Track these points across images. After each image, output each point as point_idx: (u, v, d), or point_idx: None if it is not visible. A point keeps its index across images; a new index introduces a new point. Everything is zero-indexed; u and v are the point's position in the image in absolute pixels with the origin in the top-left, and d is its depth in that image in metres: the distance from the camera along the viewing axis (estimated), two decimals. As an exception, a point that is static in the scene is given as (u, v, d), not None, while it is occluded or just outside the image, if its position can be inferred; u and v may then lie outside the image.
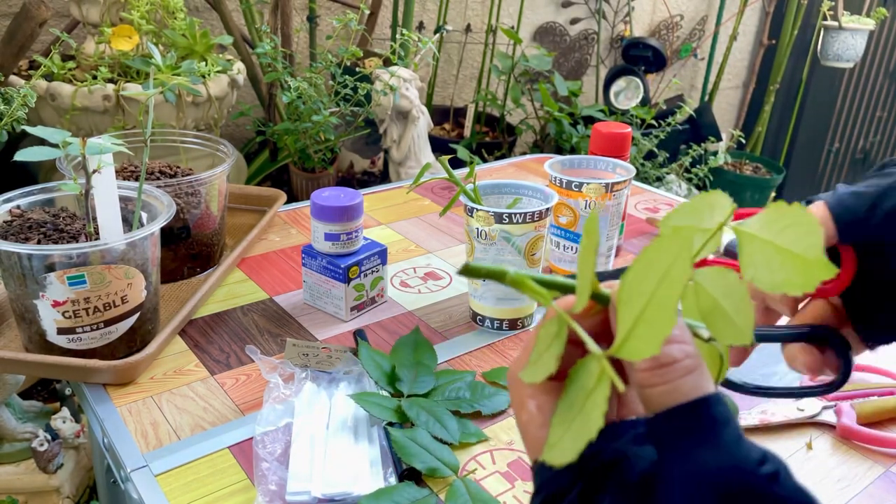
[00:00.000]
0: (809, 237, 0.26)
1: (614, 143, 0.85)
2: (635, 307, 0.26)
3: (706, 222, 0.29)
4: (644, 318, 0.25)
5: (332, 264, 0.71)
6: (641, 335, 0.25)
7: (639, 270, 0.26)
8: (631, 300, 0.26)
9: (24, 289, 0.59)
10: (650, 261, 0.26)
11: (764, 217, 0.27)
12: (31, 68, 1.19)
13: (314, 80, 1.24)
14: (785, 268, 0.26)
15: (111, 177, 0.62)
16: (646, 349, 0.25)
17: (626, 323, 0.26)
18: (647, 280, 0.26)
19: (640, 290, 0.26)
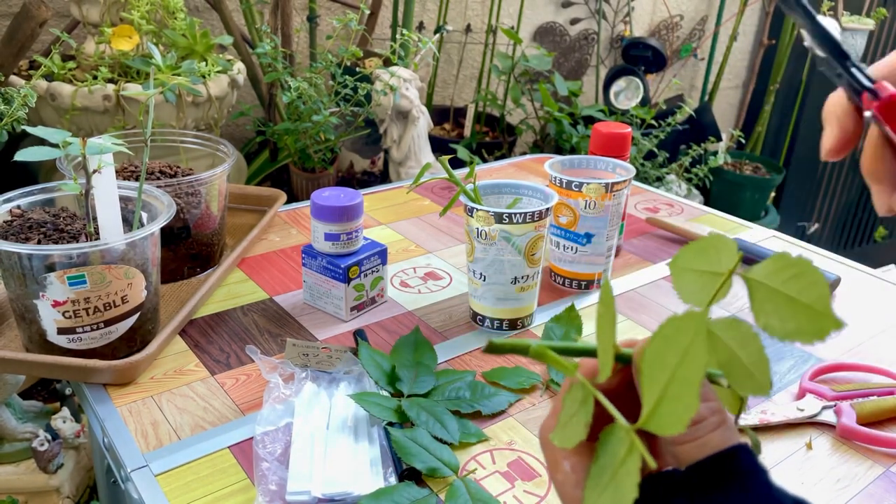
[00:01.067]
0: (816, 288, 0.26)
1: (614, 143, 0.85)
2: (659, 383, 0.26)
3: (714, 265, 0.30)
4: (668, 396, 0.26)
5: (332, 264, 0.71)
6: (667, 413, 0.26)
7: (659, 346, 0.27)
8: (653, 375, 0.27)
9: (24, 289, 0.60)
10: (668, 337, 0.26)
11: (770, 265, 0.28)
12: (31, 68, 1.19)
13: (314, 80, 1.24)
14: (796, 317, 0.27)
15: (111, 177, 0.62)
16: (672, 426, 0.26)
17: (651, 398, 0.27)
18: (667, 357, 0.26)
19: (662, 364, 0.26)
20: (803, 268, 0.27)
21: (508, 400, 0.61)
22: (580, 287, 0.81)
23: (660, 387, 0.26)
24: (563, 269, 0.81)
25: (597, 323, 0.30)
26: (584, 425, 0.29)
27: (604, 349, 0.29)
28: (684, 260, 0.31)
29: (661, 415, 0.26)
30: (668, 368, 0.26)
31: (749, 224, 1.02)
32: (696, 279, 0.30)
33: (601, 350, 0.29)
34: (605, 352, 0.29)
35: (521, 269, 0.69)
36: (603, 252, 0.79)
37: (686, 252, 0.31)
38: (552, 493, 0.53)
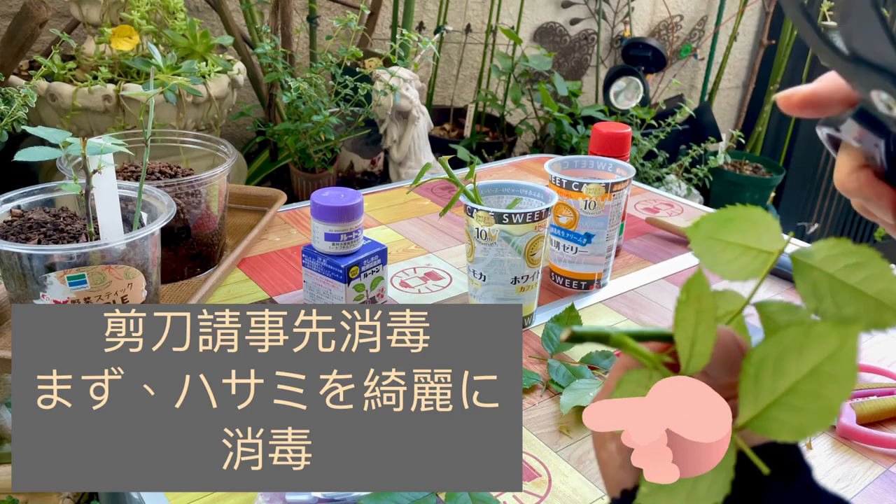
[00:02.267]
0: (884, 281, 0.25)
1: (614, 143, 0.85)
2: (772, 389, 0.25)
3: (751, 240, 0.29)
4: (786, 405, 0.25)
5: (332, 264, 0.71)
6: (782, 419, 0.25)
7: (775, 350, 0.25)
8: (765, 378, 0.25)
9: (24, 289, 0.60)
10: (788, 345, 0.25)
11: (825, 250, 0.27)
12: (31, 68, 1.19)
13: (314, 80, 1.24)
14: (855, 304, 0.26)
15: (111, 177, 0.62)
16: (788, 433, 0.24)
17: (761, 401, 0.25)
18: (788, 364, 0.25)
19: (780, 370, 0.25)
20: (868, 257, 0.26)
21: (508, 400, 0.61)
22: (580, 287, 0.81)
23: (774, 393, 0.25)
24: (563, 269, 0.81)
25: (683, 311, 0.28)
26: None
27: (700, 338, 0.27)
28: (709, 228, 0.30)
29: (772, 419, 0.25)
30: (787, 377, 0.24)
31: (749, 224, 1.02)
32: (730, 253, 0.29)
33: (693, 339, 0.28)
34: (701, 341, 0.27)
35: (521, 269, 0.69)
36: (603, 252, 0.79)
37: (711, 220, 0.30)
38: (552, 493, 0.53)
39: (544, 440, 0.58)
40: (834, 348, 0.23)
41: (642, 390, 0.29)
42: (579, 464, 0.56)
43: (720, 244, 0.29)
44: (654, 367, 0.29)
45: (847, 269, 0.26)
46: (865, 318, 0.26)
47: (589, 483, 0.54)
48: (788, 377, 0.24)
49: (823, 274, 0.27)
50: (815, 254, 0.27)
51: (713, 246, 0.29)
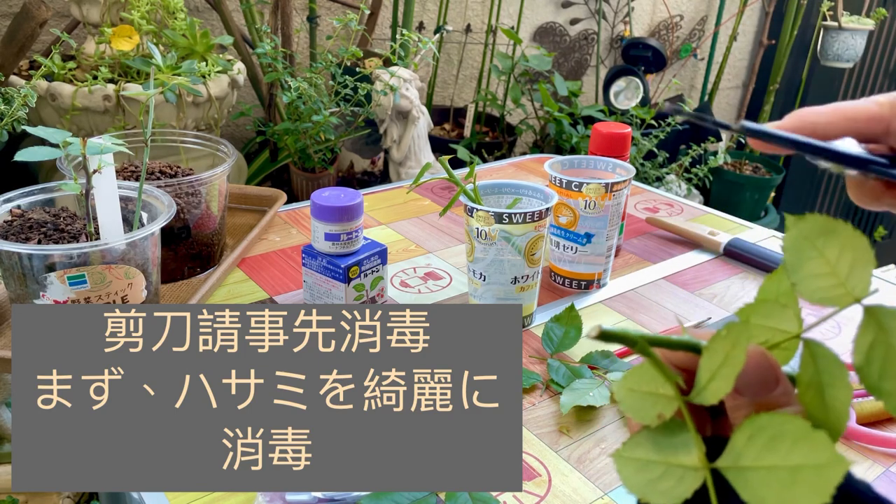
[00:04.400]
0: None
1: (614, 143, 0.85)
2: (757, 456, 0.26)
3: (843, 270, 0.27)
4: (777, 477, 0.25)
5: (332, 264, 0.71)
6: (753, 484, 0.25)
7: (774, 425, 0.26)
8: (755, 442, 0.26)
9: (24, 289, 0.60)
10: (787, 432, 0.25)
11: None
12: (31, 68, 1.19)
13: (314, 80, 1.24)
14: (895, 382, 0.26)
15: (111, 177, 0.62)
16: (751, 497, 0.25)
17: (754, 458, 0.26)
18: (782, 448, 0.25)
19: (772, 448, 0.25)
20: None
21: (508, 400, 0.61)
22: (580, 287, 0.81)
23: (757, 461, 0.25)
24: (563, 269, 0.81)
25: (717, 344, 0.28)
26: (656, 416, 0.29)
27: (720, 379, 0.27)
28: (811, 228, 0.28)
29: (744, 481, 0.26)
30: (774, 456, 0.25)
31: (749, 224, 1.02)
32: (816, 266, 0.28)
33: (713, 377, 0.28)
34: (719, 381, 0.27)
35: (521, 269, 0.69)
36: (603, 252, 0.79)
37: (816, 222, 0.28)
38: (552, 493, 0.53)
39: (544, 440, 0.58)
40: (821, 463, 0.24)
41: (654, 385, 0.29)
42: (579, 464, 0.56)
43: (813, 251, 0.28)
44: (668, 383, 0.29)
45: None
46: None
47: (589, 483, 0.54)
48: (775, 457, 0.25)
49: (889, 342, 0.26)
50: (891, 317, 0.26)
51: (805, 250, 0.28)
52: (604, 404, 0.60)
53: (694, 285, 0.84)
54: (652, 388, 0.29)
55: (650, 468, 0.28)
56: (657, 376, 0.29)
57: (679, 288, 0.83)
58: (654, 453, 0.28)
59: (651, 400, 0.29)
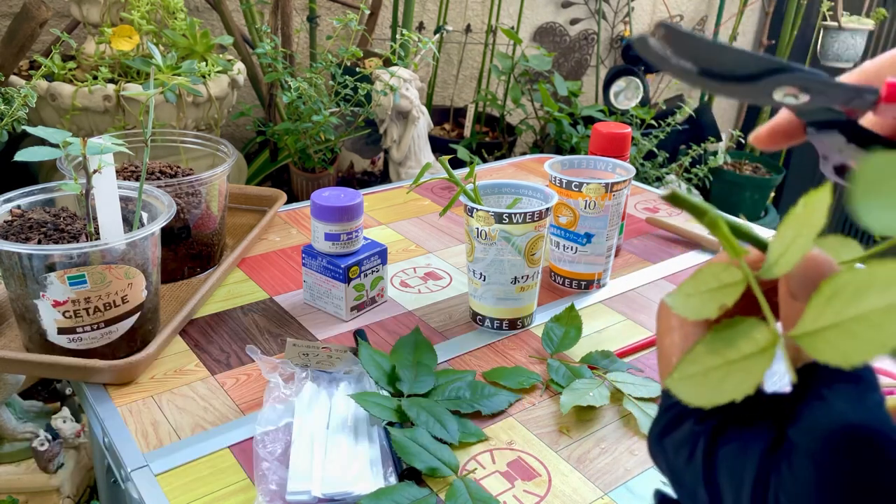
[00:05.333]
0: None
1: (614, 143, 0.85)
2: (839, 312, 0.24)
3: None
4: (846, 329, 0.24)
5: (333, 264, 0.71)
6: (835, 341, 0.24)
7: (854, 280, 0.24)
8: (836, 302, 0.24)
9: (24, 289, 0.60)
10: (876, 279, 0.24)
11: None
12: (31, 68, 1.19)
13: (314, 80, 1.24)
14: None
15: (111, 177, 0.62)
16: (833, 355, 0.24)
17: (821, 320, 0.25)
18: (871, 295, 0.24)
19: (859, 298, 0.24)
20: None
21: (508, 400, 0.61)
22: (580, 287, 0.81)
23: (839, 316, 0.24)
24: (563, 269, 0.81)
25: (790, 219, 0.27)
26: (718, 306, 0.28)
27: (795, 246, 0.26)
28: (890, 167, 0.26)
29: (824, 340, 0.24)
30: (861, 305, 0.23)
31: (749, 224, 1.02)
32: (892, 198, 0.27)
33: (790, 245, 0.27)
34: (793, 250, 0.26)
35: (521, 269, 0.69)
36: (603, 252, 0.79)
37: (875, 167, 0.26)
38: (552, 493, 0.53)
39: (544, 440, 0.58)
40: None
41: (715, 281, 0.29)
42: (579, 464, 0.56)
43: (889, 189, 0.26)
44: (734, 258, 0.28)
45: None
46: None
47: (589, 483, 0.54)
48: (862, 306, 0.23)
49: None
50: None
51: (884, 185, 0.26)
52: (604, 404, 0.60)
53: (694, 285, 0.84)
54: (713, 284, 0.29)
55: (710, 375, 0.27)
56: (719, 271, 0.29)
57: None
58: (713, 359, 0.27)
59: (710, 295, 0.29)
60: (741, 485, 0.26)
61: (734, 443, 0.27)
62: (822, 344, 0.24)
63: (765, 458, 0.25)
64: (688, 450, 0.28)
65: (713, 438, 0.27)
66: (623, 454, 0.57)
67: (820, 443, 0.24)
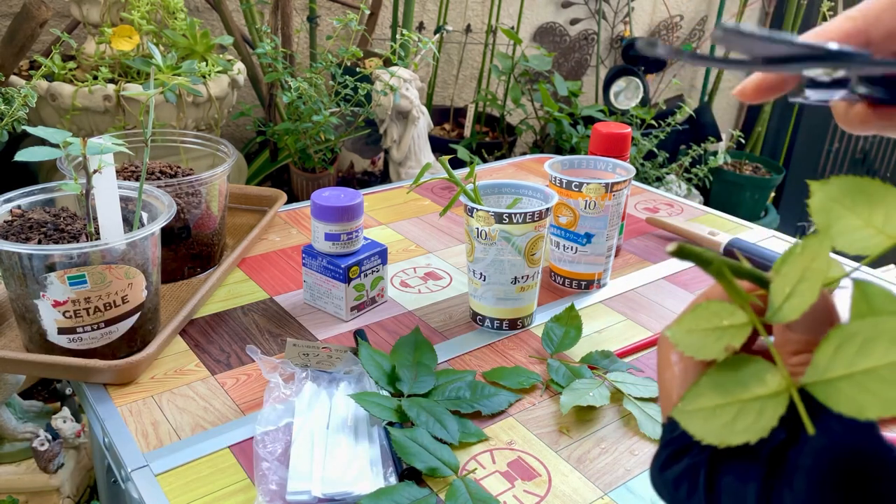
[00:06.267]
0: None
1: (614, 143, 0.85)
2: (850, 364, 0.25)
3: (878, 221, 0.28)
4: (859, 383, 0.24)
5: (333, 264, 0.71)
6: (850, 394, 0.25)
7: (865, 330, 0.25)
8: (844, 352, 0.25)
9: (24, 289, 0.60)
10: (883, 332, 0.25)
11: None
12: (31, 68, 1.19)
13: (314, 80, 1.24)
14: None
15: (112, 177, 0.62)
16: (849, 407, 0.24)
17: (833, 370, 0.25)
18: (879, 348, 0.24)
19: (868, 352, 0.25)
20: None
21: (508, 400, 0.61)
22: (580, 287, 0.81)
23: (850, 368, 0.25)
24: (563, 269, 0.81)
25: (790, 263, 0.28)
26: (724, 347, 0.28)
27: (800, 293, 0.27)
28: (837, 192, 0.29)
29: (838, 391, 0.25)
30: (871, 359, 0.24)
31: (749, 224, 1.02)
32: (848, 223, 0.28)
33: (792, 293, 0.27)
34: (799, 296, 0.27)
35: (521, 269, 0.69)
36: (603, 252, 0.79)
37: (841, 185, 0.29)
38: (552, 493, 0.53)
39: (544, 440, 0.58)
40: None
41: (717, 320, 0.29)
42: (579, 464, 0.56)
43: (843, 210, 0.29)
44: (740, 305, 0.29)
45: None
46: None
47: (589, 483, 0.54)
48: (872, 359, 0.24)
49: None
50: None
51: (834, 210, 0.29)
52: (604, 404, 0.60)
53: (694, 285, 0.84)
54: (716, 322, 0.29)
55: (721, 412, 0.27)
56: (721, 310, 0.29)
57: (679, 288, 0.83)
58: (722, 396, 0.28)
59: (716, 335, 0.29)
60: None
61: (735, 471, 0.27)
62: (836, 395, 0.25)
63: (765, 482, 0.26)
64: (689, 483, 0.28)
65: (713, 468, 0.27)
66: (623, 454, 0.57)
67: (820, 464, 0.24)
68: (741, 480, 0.27)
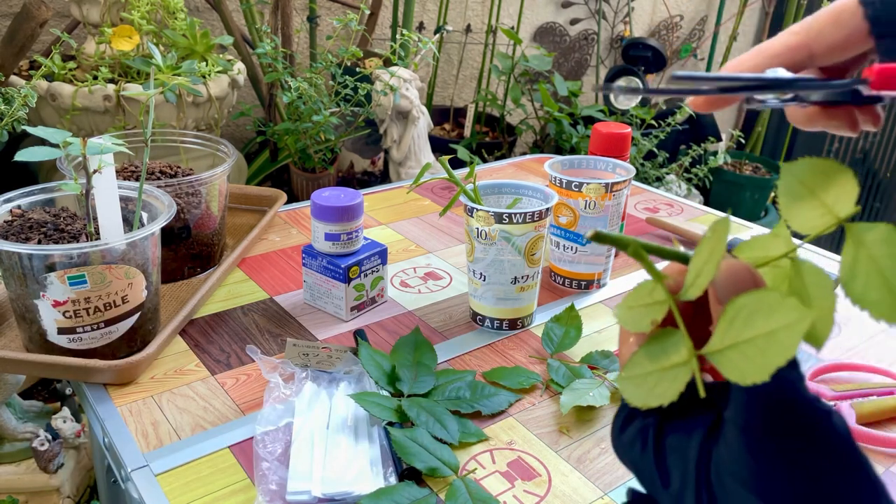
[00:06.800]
0: None
1: (614, 143, 0.85)
2: (740, 332, 0.27)
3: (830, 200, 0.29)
4: (741, 351, 0.26)
5: (333, 264, 0.71)
6: (734, 361, 0.27)
7: (755, 302, 0.27)
8: (736, 323, 0.27)
9: (24, 289, 0.60)
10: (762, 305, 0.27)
11: (881, 232, 0.28)
12: (31, 68, 1.19)
13: (314, 80, 1.24)
14: (881, 292, 0.27)
15: (112, 177, 0.62)
16: (733, 374, 0.26)
17: (727, 339, 0.27)
18: (758, 320, 0.26)
19: (751, 323, 0.27)
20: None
21: (508, 400, 0.61)
22: (580, 287, 0.81)
23: (737, 338, 0.27)
24: (563, 269, 0.81)
25: (703, 245, 0.30)
26: (650, 322, 0.31)
27: (705, 274, 0.29)
28: (803, 172, 0.31)
29: (727, 358, 0.27)
30: (752, 329, 0.26)
31: (749, 224, 1.02)
32: (807, 204, 0.30)
33: (699, 273, 0.30)
34: (704, 276, 0.29)
35: (521, 269, 0.69)
36: (603, 252, 0.79)
37: (808, 166, 0.31)
38: (552, 493, 0.53)
39: (544, 440, 0.58)
40: (790, 322, 0.26)
41: (647, 297, 0.31)
42: (579, 464, 0.56)
43: (804, 190, 0.30)
44: (658, 283, 0.31)
45: (891, 257, 0.27)
46: (884, 311, 0.27)
47: (589, 483, 0.54)
48: (753, 329, 0.27)
49: (869, 254, 0.28)
50: (872, 231, 0.28)
51: (796, 190, 0.31)
52: (604, 404, 0.60)
53: (694, 285, 0.84)
54: (645, 300, 0.32)
55: (648, 379, 0.30)
56: (649, 289, 0.32)
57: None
58: (650, 364, 0.30)
59: (644, 310, 0.31)
60: (686, 467, 0.29)
61: (678, 431, 0.30)
62: (725, 362, 0.27)
63: (704, 441, 0.29)
64: (640, 441, 0.31)
65: (660, 428, 0.31)
66: (623, 454, 0.57)
67: (746, 416, 0.27)
68: (684, 438, 0.29)
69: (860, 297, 0.27)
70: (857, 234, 0.28)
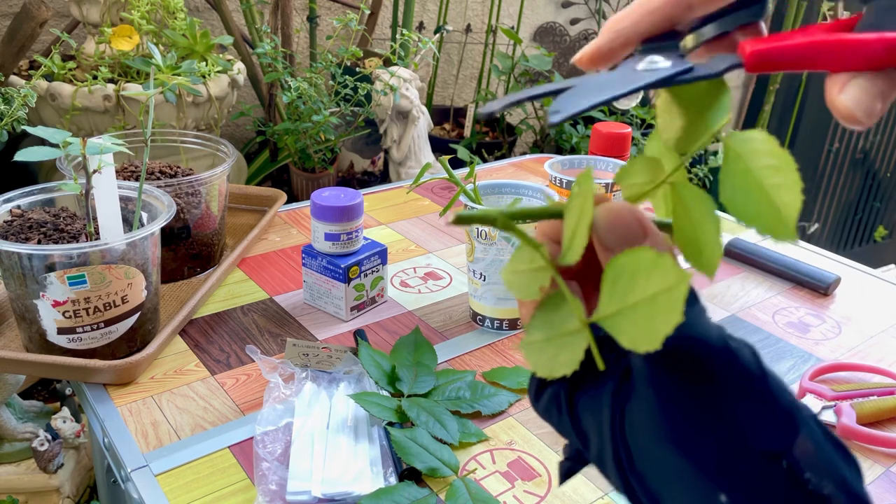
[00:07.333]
0: (790, 193, 0.25)
1: (614, 143, 0.85)
2: (623, 299, 0.25)
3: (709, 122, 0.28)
4: (630, 317, 0.25)
5: (333, 264, 0.71)
6: (625, 327, 0.25)
7: (630, 265, 0.26)
8: (618, 287, 0.26)
9: (24, 289, 0.60)
10: (640, 268, 0.25)
11: (756, 143, 0.26)
12: (31, 68, 1.19)
13: (314, 80, 1.24)
14: (758, 205, 0.26)
15: (111, 177, 0.62)
16: (626, 341, 0.25)
17: (615, 303, 0.26)
18: (639, 283, 0.25)
19: (633, 287, 0.25)
20: (786, 164, 0.26)
21: (508, 400, 0.61)
22: (580, 287, 0.81)
23: (623, 302, 0.25)
24: (563, 269, 0.80)
25: (572, 203, 0.28)
26: (537, 288, 0.29)
27: (578, 234, 0.28)
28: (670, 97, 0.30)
29: (618, 324, 0.25)
30: (635, 293, 0.25)
31: (749, 224, 1.02)
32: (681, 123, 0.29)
33: (573, 235, 0.28)
34: (578, 237, 0.28)
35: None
36: (603, 252, 0.79)
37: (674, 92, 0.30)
38: (552, 494, 0.53)
39: (544, 440, 0.58)
40: (670, 285, 0.24)
41: (530, 263, 0.30)
42: (579, 464, 0.56)
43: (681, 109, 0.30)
44: (535, 251, 0.30)
45: (766, 169, 0.26)
46: (763, 225, 0.26)
47: (589, 483, 0.54)
48: (635, 294, 0.25)
49: (745, 166, 0.26)
50: (748, 143, 0.27)
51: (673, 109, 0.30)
52: (604, 404, 0.60)
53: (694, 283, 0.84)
54: (530, 264, 0.30)
55: (547, 347, 0.28)
56: (531, 254, 0.30)
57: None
58: (547, 331, 0.29)
59: (530, 276, 0.30)
60: (601, 427, 0.28)
61: (589, 393, 0.29)
62: (615, 328, 0.26)
63: (615, 398, 0.28)
64: (555, 407, 0.31)
65: (571, 392, 0.30)
66: (623, 454, 0.57)
67: (647, 368, 0.26)
68: (595, 399, 0.29)
69: (742, 212, 0.26)
70: (737, 144, 0.27)
